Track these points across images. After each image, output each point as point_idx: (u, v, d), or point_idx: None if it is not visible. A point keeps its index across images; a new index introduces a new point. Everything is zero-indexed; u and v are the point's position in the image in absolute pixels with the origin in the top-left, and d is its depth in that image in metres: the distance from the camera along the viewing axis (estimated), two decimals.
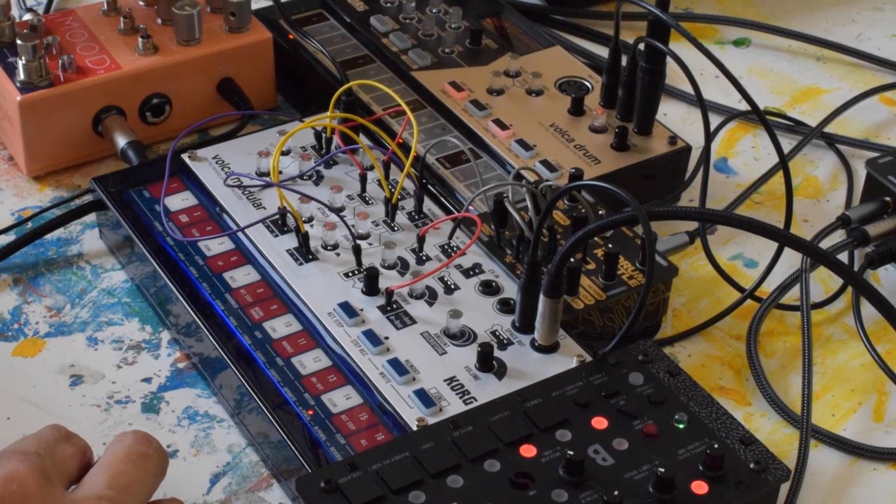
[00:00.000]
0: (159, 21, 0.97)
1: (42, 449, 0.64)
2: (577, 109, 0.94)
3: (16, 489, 0.60)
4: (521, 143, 0.90)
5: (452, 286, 0.80)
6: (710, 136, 0.88)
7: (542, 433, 0.69)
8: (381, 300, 0.78)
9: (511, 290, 0.79)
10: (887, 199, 0.88)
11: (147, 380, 0.80)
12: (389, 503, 0.65)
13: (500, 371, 0.74)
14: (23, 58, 0.90)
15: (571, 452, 0.67)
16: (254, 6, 1.00)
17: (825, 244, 0.87)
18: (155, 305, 0.84)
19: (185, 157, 0.89)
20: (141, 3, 0.98)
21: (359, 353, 0.75)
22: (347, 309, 0.77)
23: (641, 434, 0.70)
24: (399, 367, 0.74)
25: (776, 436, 0.78)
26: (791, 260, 0.88)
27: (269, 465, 0.74)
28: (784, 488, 0.71)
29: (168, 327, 0.83)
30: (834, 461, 0.77)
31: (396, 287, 0.78)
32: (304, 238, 0.81)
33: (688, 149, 0.92)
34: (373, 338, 0.75)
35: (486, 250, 0.82)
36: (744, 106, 1.02)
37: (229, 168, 0.88)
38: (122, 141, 0.92)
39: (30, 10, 0.96)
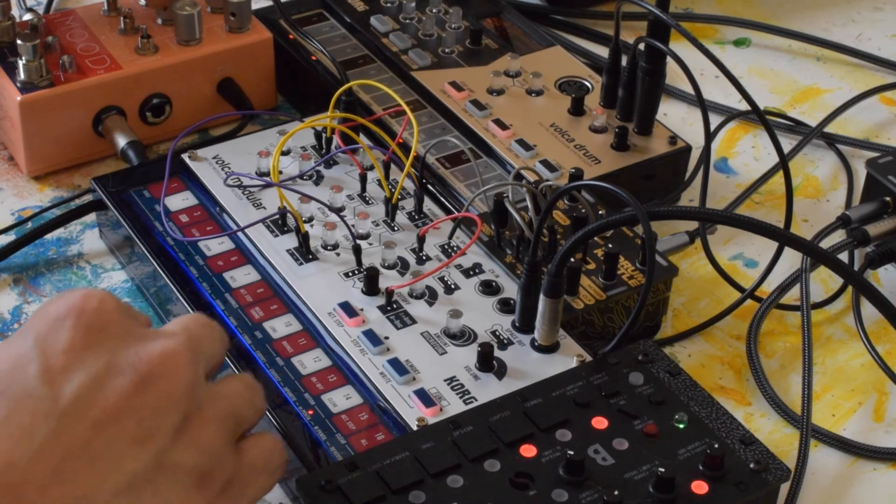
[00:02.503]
0: (159, 21, 0.97)
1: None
2: (577, 109, 0.94)
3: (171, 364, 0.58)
4: (521, 143, 0.90)
5: (452, 286, 0.80)
6: (710, 136, 0.88)
7: (542, 433, 0.69)
8: (381, 300, 0.78)
9: (511, 290, 0.79)
10: (887, 199, 0.88)
11: None
12: (389, 503, 0.65)
13: (500, 371, 0.74)
14: (23, 58, 0.90)
15: (571, 452, 0.66)
16: (254, 6, 1.00)
17: (825, 244, 0.87)
18: (155, 305, 0.84)
19: (185, 157, 0.89)
20: (142, 2, 0.98)
21: (359, 353, 0.75)
22: (347, 309, 0.77)
23: (641, 434, 0.70)
24: (399, 366, 0.74)
25: (776, 436, 0.78)
26: (791, 260, 0.88)
27: None
28: (784, 488, 0.71)
29: None
30: (834, 461, 0.77)
31: (396, 287, 0.78)
32: (304, 238, 0.81)
33: (688, 149, 0.92)
34: (373, 338, 0.75)
35: (486, 250, 0.82)
36: (744, 106, 1.02)
37: (229, 168, 0.88)
38: (122, 141, 0.92)
39: (30, 10, 0.96)
